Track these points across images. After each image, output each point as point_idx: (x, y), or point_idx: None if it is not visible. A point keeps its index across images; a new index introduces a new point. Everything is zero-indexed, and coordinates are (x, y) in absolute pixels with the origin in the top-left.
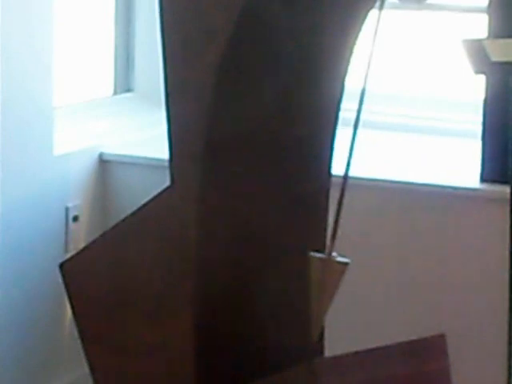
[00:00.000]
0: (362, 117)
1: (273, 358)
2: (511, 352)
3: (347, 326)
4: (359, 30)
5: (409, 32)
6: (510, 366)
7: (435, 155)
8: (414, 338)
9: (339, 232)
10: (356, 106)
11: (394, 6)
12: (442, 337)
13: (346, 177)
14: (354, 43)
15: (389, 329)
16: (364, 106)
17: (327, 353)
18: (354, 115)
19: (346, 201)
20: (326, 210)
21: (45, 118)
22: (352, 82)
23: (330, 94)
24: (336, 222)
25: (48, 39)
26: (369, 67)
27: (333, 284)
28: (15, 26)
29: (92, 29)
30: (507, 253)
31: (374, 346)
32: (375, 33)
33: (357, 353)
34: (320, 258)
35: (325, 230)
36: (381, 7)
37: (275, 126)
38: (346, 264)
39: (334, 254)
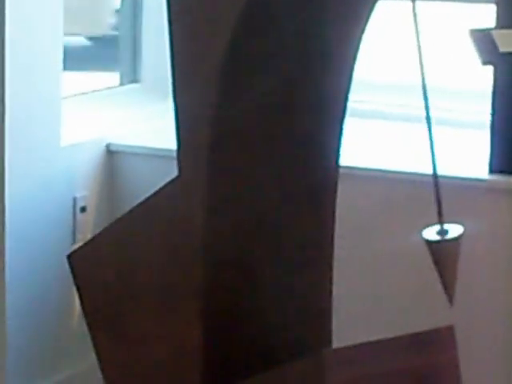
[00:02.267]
0: (372, 107)
1: (281, 349)
2: None
3: (355, 318)
4: (367, 20)
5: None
6: None
7: (443, 146)
8: (422, 329)
9: (346, 224)
10: (364, 97)
11: None
12: (450, 328)
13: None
14: (361, 34)
15: (397, 320)
16: (371, 98)
17: (335, 344)
18: (361, 106)
19: (353, 192)
20: (334, 200)
21: (52, 109)
22: (360, 73)
23: (338, 85)
24: (438, 203)
25: (55, 29)
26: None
27: (454, 259)
28: (23, 18)
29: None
30: None
31: (382, 337)
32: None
33: (365, 344)
34: (434, 242)
35: (333, 220)
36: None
37: (282, 116)
38: (458, 238)
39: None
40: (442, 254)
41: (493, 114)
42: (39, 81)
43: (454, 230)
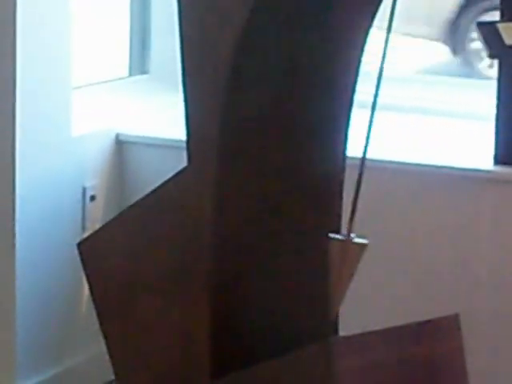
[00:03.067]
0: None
1: (288, 337)
2: None
3: (361, 306)
4: (377, 9)
5: None
6: None
7: (449, 137)
8: (427, 318)
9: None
10: (372, 89)
11: None
12: (455, 317)
13: (363, 159)
14: (369, 27)
15: (403, 309)
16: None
17: (341, 332)
18: (370, 98)
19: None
20: (340, 191)
21: (63, 100)
22: (369, 65)
23: (345, 76)
24: (354, 203)
25: (66, 21)
26: (385, 52)
27: (351, 265)
28: (35, 8)
29: (108, 10)
30: None
31: (388, 325)
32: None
33: (371, 332)
34: (339, 240)
35: (340, 210)
36: None
37: (289, 107)
38: (364, 245)
39: (352, 235)
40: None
41: (498, 106)
42: (50, 71)
43: (360, 239)
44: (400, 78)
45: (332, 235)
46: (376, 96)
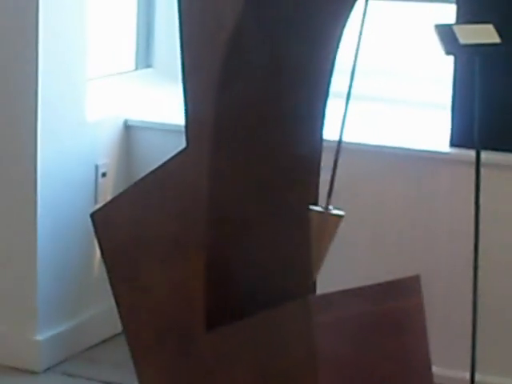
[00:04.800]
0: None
1: (273, 294)
2: (476, 292)
3: (336, 269)
4: (349, 13)
5: (390, 20)
6: (475, 304)
7: (411, 124)
8: (394, 277)
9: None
10: (346, 81)
11: None
12: (416, 278)
13: (340, 141)
14: (343, 27)
15: (372, 271)
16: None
17: (319, 291)
18: (343, 88)
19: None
20: (318, 168)
21: (79, 89)
22: (342, 59)
23: (323, 69)
24: (332, 179)
25: (82, 21)
26: (358, 49)
27: (330, 233)
28: (55, 9)
29: (117, 10)
30: (473, 207)
31: (359, 285)
32: (362, 21)
33: (344, 291)
34: (318, 211)
35: (317, 186)
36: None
37: (274, 97)
38: (341, 216)
39: (330, 207)
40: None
41: (453, 97)
42: (68, 65)
43: (337, 211)
44: (376, 71)
45: (312, 207)
46: (350, 87)
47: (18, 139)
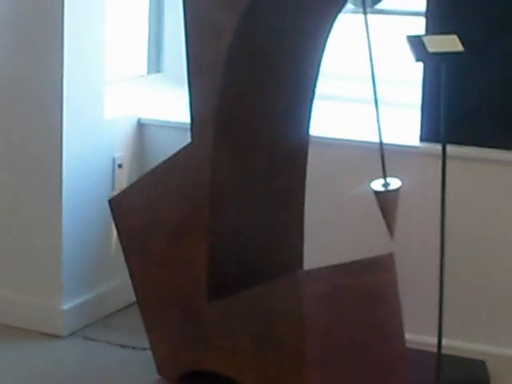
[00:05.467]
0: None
1: (267, 270)
2: (443, 268)
3: (320, 248)
4: (331, 27)
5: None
6: (441, 277)
7: (386, 121)
8: (371, 255)
9: (314, 178)
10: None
11: (353, 11)
12: (391, 255)
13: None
14: (327, 38)
15: (351, 250)
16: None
17: (305, 267)
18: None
19: (319, 155)
20: (305, 159)
21: (98, 91)
22: (325, 67)
23: (310, 74)
24: (382, 161)
25: (101, 31)
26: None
27: (394, 203)
28: (78, 21)
29: (129, 21)
30: (440, 193)
31: (340, 261)
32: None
33: (329, 267)
34: (381, 192)
35: (305, 175)
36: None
37: (268, 97)
38: (398, 189)
39: (388, 183)
40: (386, 201)
41: (423, 97)
42: (89, 70)
43: (394, 183)
44: (354, 76)
45: (374, 188)
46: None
47: (46, 134)
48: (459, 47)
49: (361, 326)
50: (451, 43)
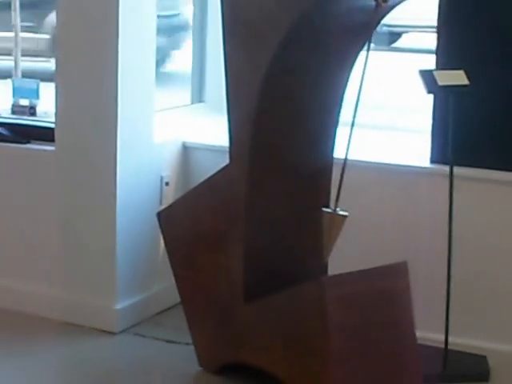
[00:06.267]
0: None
1: (296, 275)
2: (449, 273)
3: (343, 256)
4: (354, 61)
5: (383, 66)
6: (448, 282)
7: (401, 145)
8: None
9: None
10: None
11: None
12: (404, 263)
13: (345, 159)
14: (350, 72)
15: (370, 259)
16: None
17: (330, 273)
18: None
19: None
20: (330, 179)
21: (149, 119)
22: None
23: (334, 104)
24: (339, 187)
25: (152, 66)
26: (360, 89)
27: (337, 228)
28: (133, 58)
29: (176, 57)
30: (448, 209)
31: (360, 268)
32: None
33: (349, 273)
34: (329, 212)
35: (329, 192)
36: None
37: (297, 124)
38: (345, 216)
39: (338, 209)
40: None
41: (433, 124)
42: (140, 100)
43: (343, 212)
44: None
45: (324, 209)
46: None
47: (103, 155)
48: (465, 81)
49: (377, 325)
50: (458, 77)
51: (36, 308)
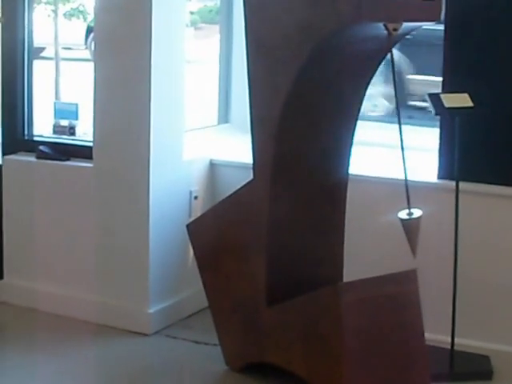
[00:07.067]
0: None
1: (314, 281)
2: (456, 279)
3: (357, 265)
4: (368, 83)
5: None
6: (455, 288)
7: (410, 162)
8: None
9: (352, 209)
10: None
11: None
12: (414, 271)
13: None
14: (364, 94)
15: (382, 267)
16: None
17: (345, 279)
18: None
19: (356, 190)
20: (345, 192)
21: (178, 138)
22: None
23: (350, 124)
24: (407, 195)
25: (182, 90)
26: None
27: (417, 229)
28: (164, 82)
29: (203, 80)
30: (454, 223)
31: (373, 275)
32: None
33: (363, 279)
34: (405, 219)
35: (344, 204)
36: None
37: (316, 142)
38: (420, 217)
39: (412, 211)
40: (409, 227)
41: (440, 143)
42: (171, 121)
43: (417, 213)
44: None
45: (400, 216)
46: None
47: (136, 172)
48: (470, 103)
49: (388, 327)
50: (463, 100)
51: (76, 312)
